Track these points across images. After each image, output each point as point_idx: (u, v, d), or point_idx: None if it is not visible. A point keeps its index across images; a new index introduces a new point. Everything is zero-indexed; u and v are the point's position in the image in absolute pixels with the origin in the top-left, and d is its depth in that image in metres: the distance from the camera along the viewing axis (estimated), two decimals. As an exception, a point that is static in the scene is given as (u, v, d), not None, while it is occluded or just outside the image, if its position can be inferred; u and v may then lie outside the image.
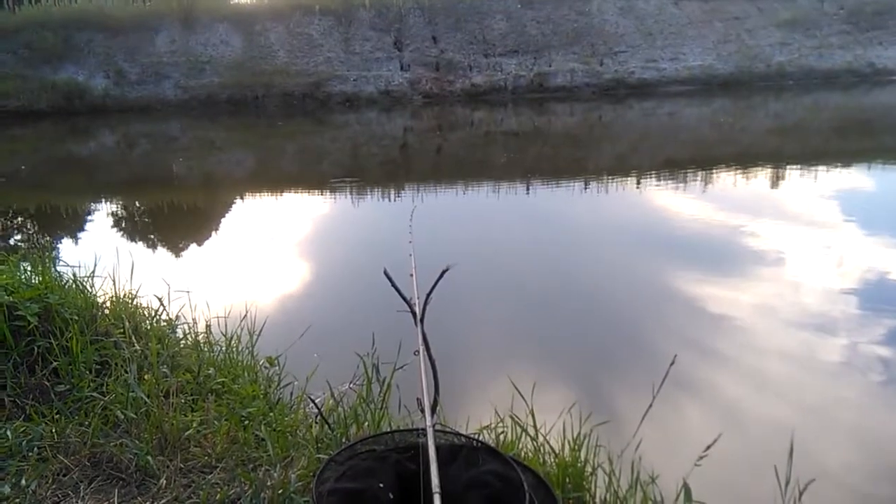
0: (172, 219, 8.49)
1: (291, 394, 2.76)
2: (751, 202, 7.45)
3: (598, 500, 2.05)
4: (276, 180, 10.86)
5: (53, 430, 2.13)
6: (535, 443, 2.26)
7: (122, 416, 2.19)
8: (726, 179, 8.94)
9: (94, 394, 2.30)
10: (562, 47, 22.98)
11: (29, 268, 3.11)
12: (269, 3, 26.34)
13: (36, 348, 2.46)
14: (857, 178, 8.68)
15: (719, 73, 21.90)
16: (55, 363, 2.43)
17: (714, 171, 9.61)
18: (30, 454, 2.01)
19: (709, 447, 1.84)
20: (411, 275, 2.20)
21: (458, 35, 23.58)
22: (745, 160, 10.18)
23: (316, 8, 24.15)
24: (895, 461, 2.69)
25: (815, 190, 7.83)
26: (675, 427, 2.84)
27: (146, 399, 2.23)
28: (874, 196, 7.62)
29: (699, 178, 9.22)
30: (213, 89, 21.54)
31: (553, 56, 22.70)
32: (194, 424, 2.21)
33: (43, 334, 2.49)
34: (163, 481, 1.92)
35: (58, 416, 2.22)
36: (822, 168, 9.30)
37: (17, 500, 1.79)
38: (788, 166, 9.65)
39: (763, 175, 9.12)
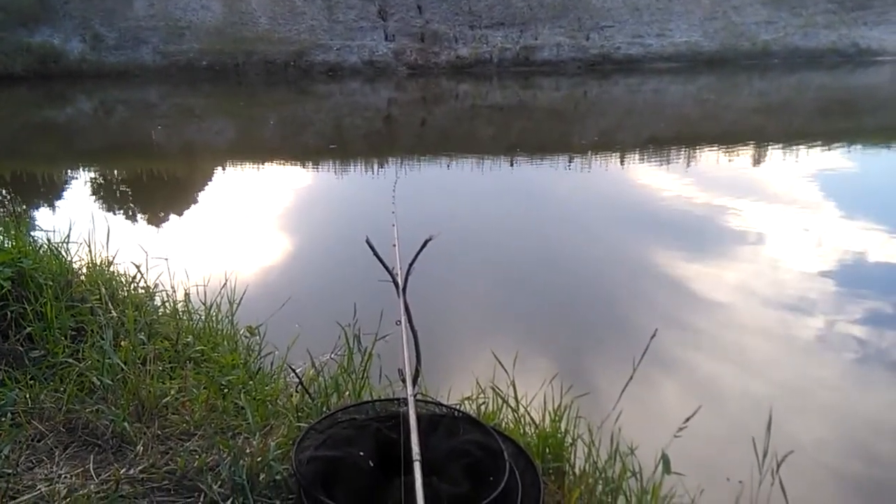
0: (151, 187, 8.36)
1: (272, 363, 2.73)
2: (733, 181, 7.49)
3: (577, 469, 2.07)
4: (257, 150, 10.72)
5: (27, 396, 2.09)
6: (515, 414, 2.26)
7: (98, 383, 2.16)
8: (710, 158, 8.98)
9: (70, 360, 2.26)
10: (548, 20, 22.79)
11: (1, 232, 3.03)
12: (252, -32, 25.76)
13: (9, 313, 2.41)
14: (838, 159, 8.75)
15: (705, 51, 21.90)
16: (29, 328, 2.38)
17: (698, 149, 9.65)
18: (3, 419, 1.97)
19: (688, 419, 1.86)
20: (394, 245, 2.18)
21: (443, 5, 23.27)
22: (728, 139, 10.23)
23: (299, -26, 23.69)
24: (869, 436, 2.75)
25: (797, 170, 7.88)
26: (654, 400, 2.87)
27: (123, 366, 2.19)
28: (854, 177, 7.69)
29: (683, 155, 9.25)
30: (192, 55, 21.13)
31: (539, 29, 22.51)
32: (172, 392, 2.18)
33: (16, 299, 2.43)
34: (139, 448, 1.90)
35: (32, 381, 2.17)
36: (803, 148, 9.36)
37: (-9, 466, 1.76)
38: (771, 146, 9.70)
39: (746, 154, 9.16)
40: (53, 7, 21.95)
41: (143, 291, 3.07)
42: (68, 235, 3.12)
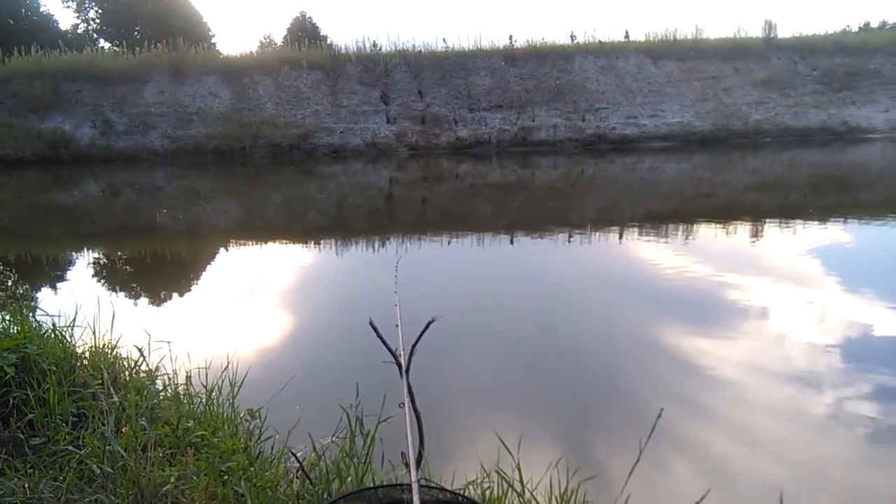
0: (155, 268, 8.43)
1: (272, 447, 2.69)
2: (732, 256, 7.55)
3: (586, 558, 2.01)
4: (260, 230, 10.86)
5: (26, 486, 2.05)
6: (521, 499, 2.22)
7: (98, 471, 2.13)
8: (707, 233, 9.08)
9: (70, 447, 2.24)
10: (545, 103, 23.55)
11: (7, 317, 3.05)
12: (258, 58, 26.92)
13: (11, 399, 2.40)
14: (835, 234, 8.84)
15: (698, 130, 22.48)
16: (31, 415, 2.37)
17: (695, 224, 9.76)
18: (-1, 511, 1.94)
19: (697, 503, 1.82)
20: (397, 325, 2.19)
21: (443, 90, 24.11)
22: (725, 214, 10.36)
23: (304, 63, 24.68)
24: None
25: (795, 244, 7.95)
26: (662, 482, 2.81)
27: (123, 453, 2.16)
28: (853, 251, 7.74)
29: (681, 231, 9.35)
30: (199, 139, 21.72)
31: (536, 111, 23.22)
32: (172, 480, 2.14)
33: (19, 385, 2.43)
34: (138, 540, 1.86)
35: (31, 470, 2.15)
36: (800, 222, 9.48)
37: (-16, 560, 1.72)
38: (768, 221, 9.83)
39: (743, 229, 9.27)
40: (66, 95, 22.76)
41: (144, 375, 3.06)
42: (74, 319, 3.14)
